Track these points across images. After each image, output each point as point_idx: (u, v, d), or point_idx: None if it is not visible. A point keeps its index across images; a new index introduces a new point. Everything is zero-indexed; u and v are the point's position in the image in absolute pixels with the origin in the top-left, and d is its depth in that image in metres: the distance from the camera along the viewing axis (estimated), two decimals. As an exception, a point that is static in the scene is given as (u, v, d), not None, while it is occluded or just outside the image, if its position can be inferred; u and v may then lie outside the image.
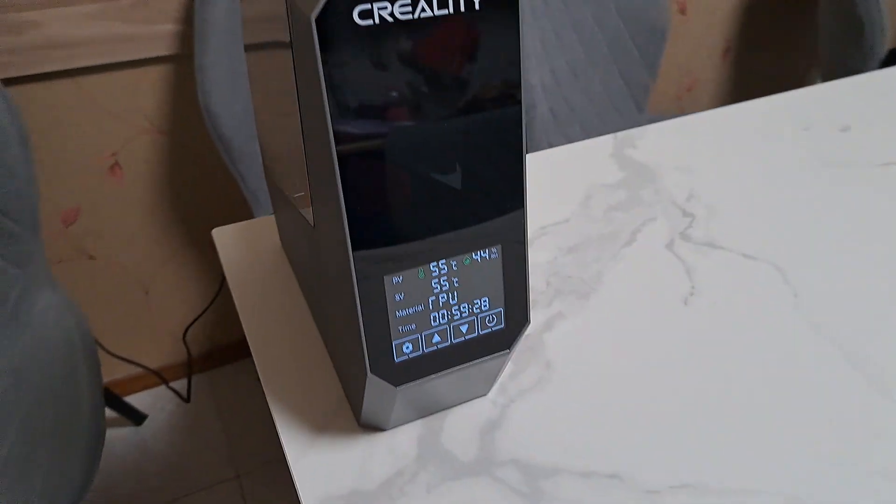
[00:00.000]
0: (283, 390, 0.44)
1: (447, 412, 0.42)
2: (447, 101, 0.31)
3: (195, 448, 1.35)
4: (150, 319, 1.37)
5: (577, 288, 0.52)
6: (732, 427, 0.40)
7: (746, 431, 0.40)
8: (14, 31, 0.94)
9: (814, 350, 0.45)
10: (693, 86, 1.67)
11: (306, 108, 0.32)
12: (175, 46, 1.05)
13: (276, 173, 0.48)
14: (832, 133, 0.71)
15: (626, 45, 1.31)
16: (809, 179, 0.64)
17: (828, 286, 0.51)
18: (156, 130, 1.14)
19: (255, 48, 0.42)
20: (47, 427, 0.80)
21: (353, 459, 0.40)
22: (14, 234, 0.93)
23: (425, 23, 0.29)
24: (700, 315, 0.49)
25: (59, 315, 0.94)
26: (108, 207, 1.19)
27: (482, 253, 0.35)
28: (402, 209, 0.32)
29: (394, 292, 0.34)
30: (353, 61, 0.28)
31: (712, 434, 0.40)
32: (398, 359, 0.36)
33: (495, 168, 0.34)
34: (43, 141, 1.08)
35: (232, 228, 0.59)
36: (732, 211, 0.60)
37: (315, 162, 0.33)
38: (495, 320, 0.37)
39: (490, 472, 0.39)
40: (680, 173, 0.66)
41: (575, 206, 0.62)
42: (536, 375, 0.45)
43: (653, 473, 0.38)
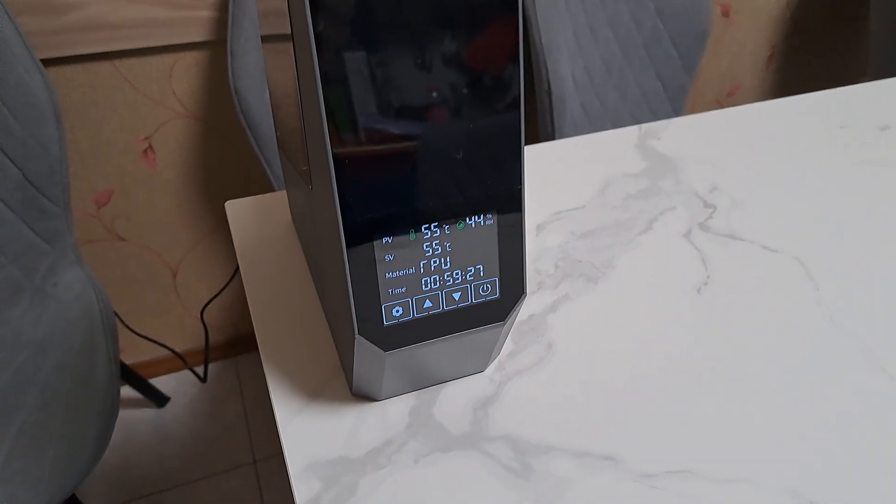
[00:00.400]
0: (279, 356, 0.44)
1: (442, 387, 0.41)
2: (442, 64, 0.30)
3: (215, 432, 1.36)
4: (176, 302, 1.39)
5: (587, 272, 0.50)
6: (737, 416, 0.39)
7: (751, 421, 0.38)
8: (55, 12, 0.96)
9: (831, 344, 0.43)
10: (734, 92, 1.64)
11: (302, 70, 0.31)
12: (210, 32, 1.07)
13: (286, 145, 0.48)
14: (870, 132, 0.68)
15: (665, 45, 1.28)
16: (842, 176, 0.61)
17: (852, 282, 0.49)
18: (189, 115, 1.16)
19: (267, 39, 0.43)
20: (63, 396, 0.81)
21: (342, 427, 0.39)
22: (46, 210, 0.95)
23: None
24: (713, 304, 0.47)
25: (81, 289, 0.96)
26: (140, 191, 1.21)
27: (477, 218, 0.34)
28: (393, 172, 0.31)
29: (383, 253, 0.33)
30: (342, 9, 0.28)
31: (715, 422, 0.38)
32: (387, 322, 0.35)
33: (492, 133, 0.33)
34: (79, 122, 1.10)
35: (245, 202, 0.59)
36: (757, 204, 0.58)
37: (310, 123, 0.32)
38: (490, 289, 0.36)
39: (480, 446, 0.37)
40: (704, 166, 0.64)
41: (592, 193, 0.60)
42: (537, 356, 0.43)
43: (650, 458, 0.36)
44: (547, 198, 0.60)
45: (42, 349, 0.88)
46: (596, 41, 1.22)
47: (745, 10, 1.51)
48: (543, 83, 1.11)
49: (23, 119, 0.88)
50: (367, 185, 0.31)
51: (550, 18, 1.08)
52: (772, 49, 1.61)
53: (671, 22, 1.26)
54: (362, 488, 0.35)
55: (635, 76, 1.29)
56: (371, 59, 0.29)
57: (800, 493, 0.34)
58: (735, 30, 1.53)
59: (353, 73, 0.29)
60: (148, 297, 1.35)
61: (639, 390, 0.40)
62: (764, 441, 0.37)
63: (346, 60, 0.29)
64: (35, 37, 0.98)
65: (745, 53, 1.58)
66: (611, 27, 1.23)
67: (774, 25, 1.57)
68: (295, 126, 0.39)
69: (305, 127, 0.34)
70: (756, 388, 0.40)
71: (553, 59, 1.08)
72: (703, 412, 0.39)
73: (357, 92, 0.29)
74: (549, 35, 1.08)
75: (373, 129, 0.30)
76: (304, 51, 0.30)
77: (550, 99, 1.13)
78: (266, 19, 0.42)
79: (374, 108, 0.30)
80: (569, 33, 1.15)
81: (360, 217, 0.32)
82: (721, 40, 1.53)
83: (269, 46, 0.43)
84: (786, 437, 0.37)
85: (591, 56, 1.22)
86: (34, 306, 0.94)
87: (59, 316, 0.93)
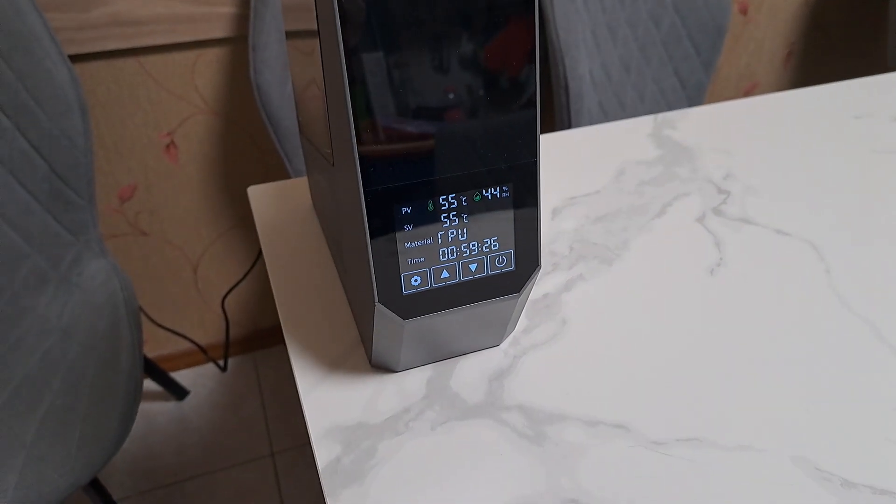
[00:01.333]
0: (300, 331, 0.45)
1: (458, 360, 0.42)
2: (459, 42, 0.31)
3: (233, 425, 1.38)
4: (196, 297, 1.41)
5: (601, 254, 0.51)
6: (745, 389, 0.39)
7: (758, 394, 0.39)
8: (82, 9, 0.99)
9: (841, 324, 0.44)
10: (752, 90, 1.63)
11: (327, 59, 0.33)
12: (233, 29, 1.09)
13: (308, 128, 0.49)
14: (884, 122, 0.69)
15: (683, 43, 1.29)
16: (855, 164, 0.62)
17: (863, 266, 0.49)
18: (210, 111, 1.18)
19: (293, 31, 0.44)
20: (88, 380, 0.83)
21: (362, 395, 0.40)
22: (71, 202, 0.97)
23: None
24: (726, 284, 0.48)
25: (106, 278, 0.98)
26: (163, 185, 1.24)
27: (493, 190, 0.35)
28: (412, 145, 0.33)
29: (403, 223, 0.34)
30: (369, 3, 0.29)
31: (725, 394, 0.39)
32: (406, 291, 0.36)
33: (508, 108, 0.34)
34: (104, 118, 1.13)
35: (266, 187, 0.61)
36: (770, 191, 0.58)
37: (333, 101, 0.34)
38: (505, 261, 0.37)
39: (495, 415, 0.39)
40: (719, 154, 0.64)
41: (608, 179, 0.61)
42: (551, 331, 0.44)
43: (660, 426, 0.37)
44: (562, 183, 0.61)
45: (68, 335, 0.91)
46: (614, 39, 1.23)
47: (764, 7, 1.51)
48: (561, 80, 1.12)
49: (50, 111, 0.91)
50: (387, 158, 0.33)
51: (569, 16, 1.09)
52: (790, 47, 1.60)
53: (690, 19, 1.27)
54: (381, 452, 0.37)
55: (653, 74, 1.30)
56: (393, 46, 0.30)
57: (806, 459, 0.35)
58: (753, 27, 1.53)
59: (377, 61, 0.30)
60: (169, 291, 1.38)
61: (650, 364, 0.41)
62: (771, 412, 0.38)
63: (371, 51, 0.30)
64: (63, 32, 1.01)
65: (764, 51, 1.58)
66: (629, 25, 1.23)
67: (793, 23, 1.57)
68: (318, 109, 0.41)
69: (329, 108, 0.36)
70: (765, 364, 0.41)
71: (571, 57, 1.09)
72: (711, 385, 0.40)
73: (379, 73, 0.31)
74: (567, 33, 1.09)
75: (393, 107, 0.31)
76: (330, 39, 0.31)
77: (568, 96, 1.13)
78: (291, 14, 0.43)
79: (395, 88, 0.31)
80: (587, 31, 1.16)
81: (380, 188, 0.33)
82: (739, 38, 1.53)
83: (293, 41, 0.45)
84: (792, 409, 0.38)
85: (609, 54, 1.22)
86: (60, 294, 0.96)
87: (85, 303, 0.95)
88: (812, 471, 0.34)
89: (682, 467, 0.35)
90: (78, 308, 0.94)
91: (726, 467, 0.35)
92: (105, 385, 0.83)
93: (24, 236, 0.94)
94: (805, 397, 0.39)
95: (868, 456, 0.35)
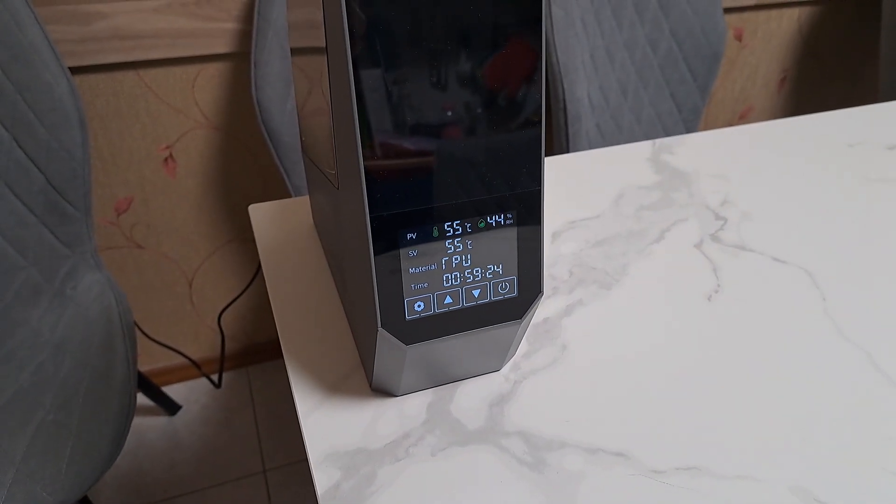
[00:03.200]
0: (300, 353, 0.45)
1: (458, 384, 0.42)
2: (467, 67, 0.32)
3: (225, 441, 1.37)
4: (191, 311, 1.40)
5: (601, 279, 0.52)
6: (743, 417, 0.40)
7: (757, 423, 0.39)
8: (83, 22, 0.99)
9: (836, 352, 0.44)
10: (747, 114, 1.65)
11: (334, 68, 0.33)
12: (234, 44, 1.10)
13: (312, 149, 0.50)
14: (878, 151, 0.70)
15: (679, 67, 1.30)
16: (849, 193, 0.62)
17: (858, 294, 0.49)
18: (210, 125, 1.18)
19: (299, 51, 0.45)
20: (81, 396, 0.83)
21: (362, 420, 0.40)
22: (67, 215, 0.97)
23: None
24: (723, 310, 0.48)
25: (100, 292, 0.98)
26: (160, 199, 1.24)
27: (497, 217, 0.36)
28: (418, 171, 0.33)
29: (407, 249, 0.35)
30: (378, 26, 0.29)
31: (724, 422, 0.39)
32: (409, 316, 0.36)
33: (513, 136, 0.34)
34: (102, 130, 1.13)
35: (267, 205, 0.61)
36: (767, 217, 0.59)
37: (340, 126, 0.34)
38: (508, 288, 0.37)
39: (495, 441, 0.39)
40: (716, 180, 0.65)
41: (607, 204, 0.61)
42: (551, 356, 0.44)
43: (660, 454, 0.37)
44: (562, 207, 0.61)
45: (61, 349, 0.90)
46: (612, 63, 1.24)
47: (759, 33, 1.53)
48: (560, 103, 1.13)
49: (48, 123, 0.91)
50: (394, 184, 0.33)
51: (568, 40, 1.10)
52: (784, 72, 1.62)
53: (686, 44, 1.28)
54: (380, 478, 0.37)
55: (650, 97, 1.31)
56: (401, 72, 0.31)
57: (805, 490, 0.35)
58: (748, 53, 1.55)
59: (385, 84, 0.31)
60: (164, 305, 1.37)
61: (649, 391, 0.41)
62: (770, 442, 0.38)
63: (379, 73, 0.30)
64: (63, 45, 1.01)
65: (758, 76, 1.60)
66: (627, 49, 1.25)
67: (787, 49, 1.59)
68: (323, 131, 0.41)
69: (335, 130, 0.36)
70: (763, 392, 0.41)
71: (569, 80, 1.10)
72: (710, 413, 0.40)
73: (387, 101, 0.31)
74: (567, 56, 1.10)
75: (400, 133, 0.32)
76: (339, 63, 0.31)
77: (566, 118, 1.14)
78: (297, 30, 0.43)
79: (402, 115, 0.32)
80: (586, 55, 1.18)
81: (386, 214, 0.33)
82: (734, 63, 1.55)
83: (298, 58, 0.45)
84: (791, 439, 0.38)
85: (607, 77, 1.24)
86: (54, 308, 0.96)
87: (79, 317, 0.95)
88: (810, 501, 0.35)
89: (682, 496, 0.35)
90: (72, 322, 0.94)
91: (725, 497, 0.35)
92: (98, 401, 0.82)
93: (18, 248, 0.94)
94: (802, 426, 0.39)
95: (866, 486, 0.35)
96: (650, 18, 1.24)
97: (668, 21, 1.25)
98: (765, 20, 1.51)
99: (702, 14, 1.26)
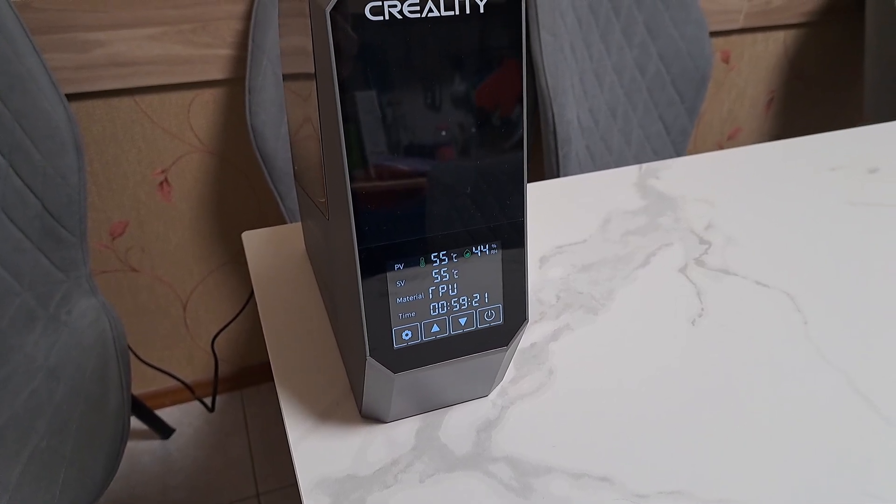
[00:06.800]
0: (291, 380, 0.46)
1: (447, 410, 0.43)
2: (451, 101, 0.33)
3: (219, 465, 1.37)
4: (185, 334, 1.41)
5: (587, 303, 0.53)
6: (726, 441, 0.40)
7: (742, 446, 0.40)
8: (81, 49, 1.01)
9: (818, 374, 0.45)
10: (735, 135, 1.67)
11: (323, 105, 0.34)
12: (229, 71, 1.11)
13: (303, 178, 0.51)
14: (859, 174, 0.71)
15: (667, 90, 1.33)
16: (831, 216, 0.64)
17: (839, 317, 0.51)
18: (205, 149, 1.20)
19: (290, 77, 0.46)
20: (75, 422, 0.83)
21: (351, 446, 0.41)
22: (63, 240, 0.98)
23: (433, 22, 0.31)
24: (707, 334, 0.49)
25: (95, 317, 0.98)
26: (154, 222, 1.24)
27: (482, 248, 0.37)
28: (405, 203, 0.34)
29: (395, 279, 0.35)
30: (363, 54, 0.31)
31: (707, 446, 0.40)
32: (397, 345, 0.37)
33: (497, 169, 0.35)
34: (98, 155, 1.14)
35: (260, 233, 0.62)
36: (750, 242, 0.60)
37: (329, 157, 0.35)
38: (494, 315, 0.38)
39: (483, 466, 0.39)
40: (701, 205, 0.66)
41: (594, 228, 0.63)
42: (538, 382, 0.45)
43: (644, 479, 0.38)
44: (550, 232, 0.62)
45: (55, 375, 0.90)
46: (601, 86, 1.26)
47: (745, 56, 1.55)
48: (549, 126, 1.15)
49: (44, 150, 0.92)
50: (382, 215, 0.34)
51: (557, 64, 1.12)
52: (771, 94, 1.65)
53: (674, 67, 1.31)
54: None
55: (639, 119, 1.33)
56: (387, 100, 0.32)
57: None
58: (735, 75, 1.57)
59: (371, 112, 0.32)
60: (158, 328, 1.38)
61: (634, 415, 0.42)
62: (752, 465, 0.39)
63: (365, 101, 0.31)
64: (60, 72, 1.02)
65: (746, 98, 1.63)
66: (615, 72, 1.27)
67: (773, 72, 1.62)
68: (314, 160, 0.42)
69: (325, 161, 0.37)
70: (745, 415, 0.42)
71: (559, 104, 1.12)
72: (694, 437, 0.41)
73: (374, 130, 0.32)
74: (556, 80, 1.12)
75: (387, 165, 0.33)
76: (326, 90, 0.33)
77: (556, 140, 1.16)
78: (289, 58, 0.45)
79: (389, 146, 0.33)
80: (575, 78, 1.20)
81: (374, 245, 0.34)
82: (722, 85, 1.57)
83: (290, 84, 0.46)
84: (771, 461, 0.39)
85: (597, 100, 1.26)
86: (48, 333, 0.96)
87: (73, 343, 0.95)
88: (791, 525, 0.35)
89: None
90: (66, 348, 0.94)
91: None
92: (91, 427, 0.83)
93: (13, 274, 0.94)
94: (784, 449, 0.40)
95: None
96: (638, 42, 1.26)
97: (656, 45, 1.27)
98: (751, 43, 1.53)
99: (689, 38, 1.28)
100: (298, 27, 0.37)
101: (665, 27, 1.27)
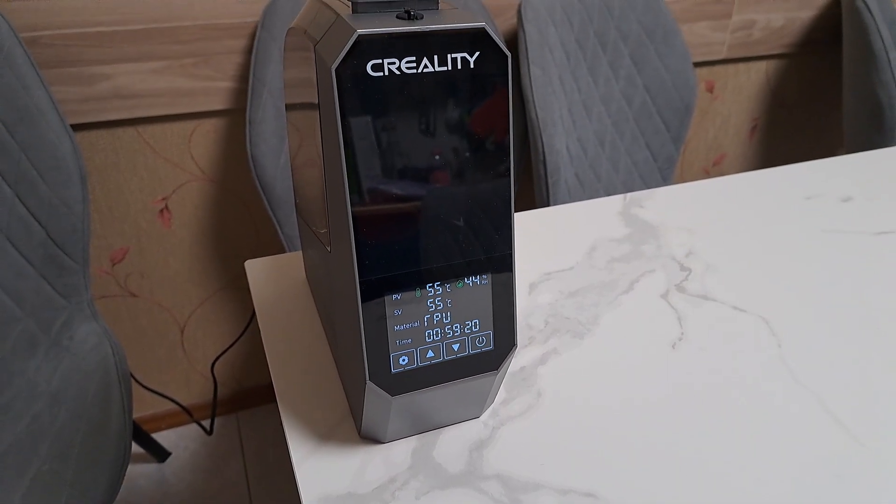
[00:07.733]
0: (294, 402, 0.48)
1: (441, 431, 0.46)
2: (446, 147, 0.36)
3: (215, 488, 1.38)
4: (182, 358, 1.43)
5: (574, 328, 0.56)
6: (705, 459, 0.43)
7: (717, 464, 0.43)
8: (86, 83, 1.04)
9: (791, 395, 0.48)
10: (720, 161, 1.72)
11: (328, 150, 0.37)
12: (230, 102, 1.15)
13: (305, 210, 0.54)
14: (833, 203, 0.75)
15: (653, 119, 1.37)
16: (805, 244, 0.67)
17: (811, 341, 0.54)
18: (205, 178, 1.23)
19: (293, 107, 0.49)
20: (76, 446, 0.85)
21: (351, 466, 0.43)
22: (66, 267, 1.00)
23: (428, 77, 0.34)
24: (686, 358, 0.52)
25: (97, 342, 1.00)
26: (154, 249, 1.27)
27: (474, 278, 0.40)
28: (403, 237, 0.37)
29: (393, 308, 0.38)
30: (365, 106, 0.34)
31: (688, 464, 0.43)
32: (395, 370, 0.40)
33: (487, 206, 0.38)
34: (101, 184, 1.17)
35: (263, 261, 0.65)
36: (728, 268, 0.63)
37: (332, 192, 0.38)
38: (485, 341, 0.41)
39: (475, 484, 0.42)
40: (682, 233, 0.70)
41: (580, 256, 0.66)
42: (527, 403, 0.48)
43: (626, 495, 0.41)
44: (539, 259, 0.65)
45: (57, 400, 0.92)
46: (589, 116, 1.30)
47: (729, 86, 1.60)
48: (539, 155, 1.19)
49: (50, 181, 0.95)
50: (381, 248, 0.37)
51: (546, 97, 1.17)
52: (755, 121, 1.70)
53: (659, 98, 1.35)
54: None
55: (626, 147, 1.37)
56: (386, 145, 0.35)
57: (758, 526, 0.39)
58: (719, 104, 1.62)
59: (371, 158, 0.35)
60: (156, 352, 1.40)
61: (617, 435, 0.45)
62: (730, 482, 0.42)
63: (366, 148, 0.35)
64: (66, 104, 1.06)
65: (730, 125, 1.67)
66: (603, 103, 1.31)
67: (756, 100, 1.67)
68: (316, 193, 0.45)
69: (328, 196, 0.40)
70: (722, 436, 0.45)
71: (548, 134, 1.16)
72: (674, 456, 0.43)
73: (374, 175, 0.35)
74: (545, 112, 1.16)
75: (386, 205, 0.36)
76: (331, 140, 0.36)
77: (546, 169, 1.20)
78: (293, 90, 0.48)
79: (388, 188, 0.36)
80: (564, 109, 1.24)
81: (374, 276, 0.37)
82: (706, 113, 1.62)
83: (294, 116, 0.49)
84: (747, 478, 0.42)
85: (585, 129, 1.30)
86: (50, 359, 0.98)
87: (75, 368, 0.97)
88: (761, 535, 0.38)
89: (645, 532, 0.38)
90: (68, 373, 0.96)
91: (684, 532, 0.38)
92: (93, 451, 0.84)
93: (16, 300, 0.97)
94: (758, 468, 0.43)
95: (811, 522, 0.39)
96: (624, 75, 1.31)
97: (642, 77, 1.32)
98: (734, 73, 1.58)
99: (673, 70, 1.33)
100: (302, 61, 0.40)
101: (650, 60, 1.31)
